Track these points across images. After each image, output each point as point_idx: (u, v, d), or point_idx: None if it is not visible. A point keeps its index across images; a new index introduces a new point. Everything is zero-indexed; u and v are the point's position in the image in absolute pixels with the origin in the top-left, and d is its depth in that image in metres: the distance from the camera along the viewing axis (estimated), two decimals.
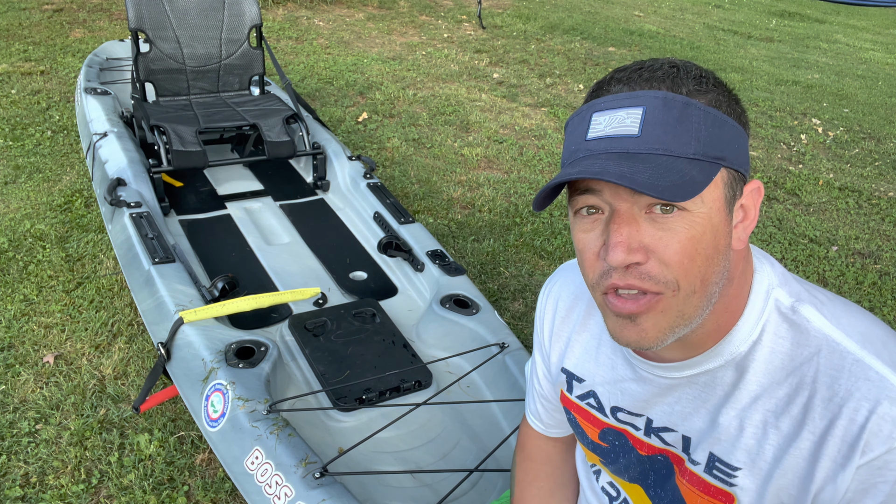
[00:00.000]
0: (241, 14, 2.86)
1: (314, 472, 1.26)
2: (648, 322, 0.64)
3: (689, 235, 0.61)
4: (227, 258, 2.17)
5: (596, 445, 0.89)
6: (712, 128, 0.62)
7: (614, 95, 0.63)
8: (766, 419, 0.67)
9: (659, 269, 0.62)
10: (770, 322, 0.69)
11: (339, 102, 4.38)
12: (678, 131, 0.61)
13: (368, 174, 2.55)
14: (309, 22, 6.33)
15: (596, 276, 0.66)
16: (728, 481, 0.71)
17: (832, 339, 0.66)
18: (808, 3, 10.40)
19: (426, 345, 1.85)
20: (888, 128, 4.92)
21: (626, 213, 0.62)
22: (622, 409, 0.82)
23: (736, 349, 0.69)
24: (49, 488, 1.66)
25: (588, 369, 0.86)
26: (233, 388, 1.45)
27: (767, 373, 0.68)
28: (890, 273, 2.98)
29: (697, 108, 0.61)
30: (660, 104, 0.61)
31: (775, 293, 0.70)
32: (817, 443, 0.64)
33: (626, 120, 0.62)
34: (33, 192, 2.95)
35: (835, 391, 0.64)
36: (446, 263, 2.05)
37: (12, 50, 4.70)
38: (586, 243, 0.66)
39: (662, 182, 0.58)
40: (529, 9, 7.79)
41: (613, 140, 0.62)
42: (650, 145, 0.61)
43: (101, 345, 2.12)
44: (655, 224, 0.62)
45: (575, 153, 0.65)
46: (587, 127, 0.65)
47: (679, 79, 0.63)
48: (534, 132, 4.22)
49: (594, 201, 0.64)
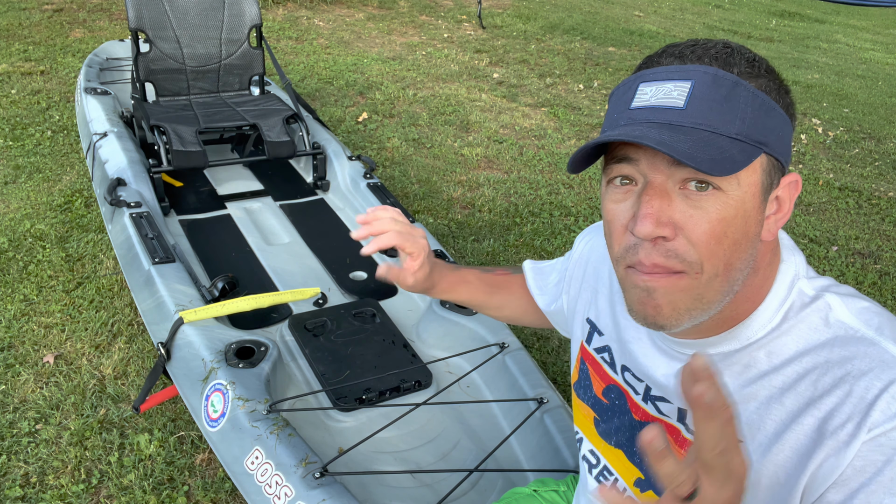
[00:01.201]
0: (241, 14, 2.86)
1: (314, 472, 1.26)
2: (664, 299, 0.63)
3: (720, 216, 0.60)
4: (227, 258, 2.17)
5: (597, 400, 0.90)
6: (759, 111, 0.61)
7: (664, 67, 0.63)
8: (771, 395, 0.67)
9: (685, 248, 0.61)
10: (792, 309, 0.68)
11: (339, 102, 4.38)
12: (724, 109, 0.60)
13: (368, 174, 2.55)
14: (309, 22, 6.33)
15: (622, 249, 0.65)
16: None
17: (851, 327, 0.65)
18: (808, 3, 10.40)
19: (426, 345, 1.85)
20: (888, 128, 4.92)
21: (660, 185, 0.61)
22: (629, 370, 0.83)
23: (753, 334, 0.69)
24: (49, 488, 1.66)
25: (607, 324, 0.88)
26: (233, 388, 1.45)
27: (780, 354, 0.68)
28: (890, 273, 2.98)
29: (746, 89, 0.61)
30: (709, 80, 0.60)
31: (800, 283, 0.69)
32: (823, 419, 0.63)
33: (673, 92, 0.61)
34: (33, 192, 2.95)
35: (847, 370, 0.63)
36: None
37: (12, 50, 4.70)
38: (615, 214, 0.65)
39: (701, 154, 0.57)
40: (529, 9, 7.78)
41: (657, 111, 0.61)
42: (694, 119, 0.60)
43: (101, 345, 2.12)
44: (688, 201, 0.61)
45: (616, 120, 0.64)
46: (632, 96, 0.64)
47: (732, 59, 0.62)
48: (534, 132, 4.22)
49: (629, 171, 0.63)
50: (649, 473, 0.83)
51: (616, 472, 0.89)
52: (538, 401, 1.55)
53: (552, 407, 1.54)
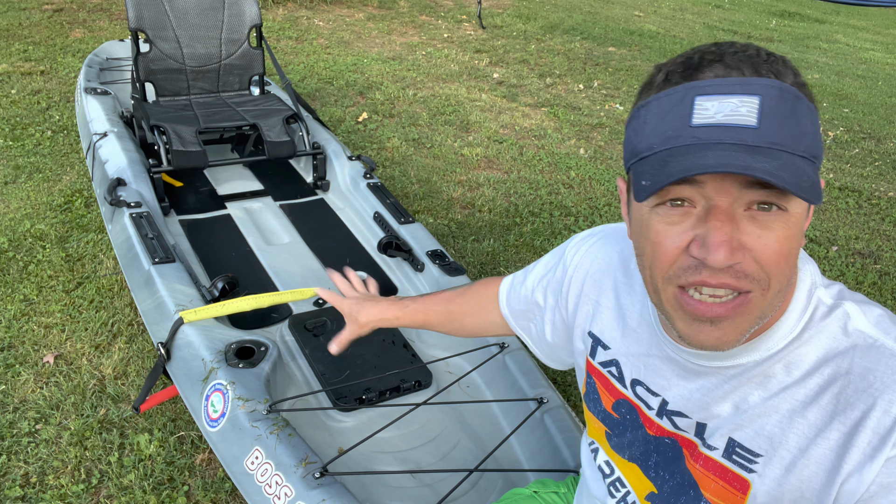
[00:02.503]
0: (241, 14, 2.86)
1: (314, 472, 1.26)
2: (731, 325, 0.62)
3: (786, 235, 0.59)
4: (227, 258, 2.17)
5: (607, 414, 0.88)
6: (814, 124, 0.59)
7: (722, 80, 0.59)
8: (794, 408, 0.66)
9: (754, 268, 0.60)
10: (812, 319, 0.68)
11: (339, 102, 4.38)
12: (791, 125, 0.57)
13: (368, 174, 2.55)
14: (309, 22, 6.33)
15: (676, 269, 0.62)
16: (748, 467, 0.70)
17: (870, 336, 0.65)
18: (808, 3, 10.40)
19: (426, 345, 1.85)
20: (888, 128, 4.92)
21: (728, 209, 0.59)
22: (642, 384, 0.81)
23: (775, 345, 0.68)
24: (49, 488, 1.66)
25: (613, 338, 0.85)
26: (233, 388, 1.45)
27: (800, 365, 0.67)
28: (890, 273, 2.98)
29: (804, 102, 0.59)
30: (776, 94, 0.57)
31: (818, 292, 0.69)
32: (848, 434, 0.62)
33: (741, 108, 0.57)
34: (33, 192, 2.95)
35: (870, 382, 0.62)
36: (446, 263, 2.05)
37: (12, 50, 4.70)
38: (668, 235, 0.62)
39: (805, 184, 0.55)
40: (529, 9, 7.78)
41: (728, 130, 0.57)
42: (769, 139, 0.57)
43: (101, 345, 2.12)
44: (755, 222, 0.59)
45: (675, 139, 0.60)
46: (689, 111, 0.59)
47: (781, 69, 0.59)
48: (534, 132, 4.22)
49: (689, 194, 0.60)
50: (663, 489, 0.82)
51: (629, 484, 0.88)
52: (538, 401, 1.55)
53: (552, 407, 1.54)
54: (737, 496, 0.71)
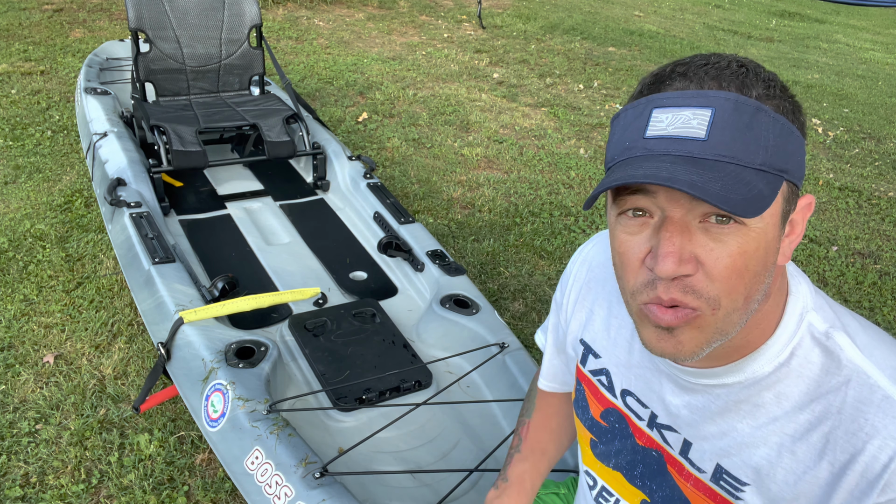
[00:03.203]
0: (241, 14, 2.86)
1: (314, 472, 1.26)
2: (686, 335, 0.61)
3: (741, 250, 0.58)
4: (227, 258, 2.17)
5: (594, 423, 0.88)
6: (779, 137, 0.58)
7: (680, 92, 0.59)
8: (783, 442, 0.66)
9: (704, 284, 0.59)
10: (801, 346, 0.66)
11: (339, 102, 4.38)
12: (747, 139, 0.57)
13: (368, 174, 2.55)
14: (309, 22, 6.33)
15: (638, 285, 0.62)
16: (735, 494, 0.70)
17: (863, 371, 0.63)
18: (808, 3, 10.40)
19: (426, 345, 1.85)
20: (888, 128, 4.92)
21: (680, 220, 0.58)
22: (632, 395, 0.81)
23: (760, 368, 0.67)
24: (49, 488, 1.66)
25: (605, 347, 0.85)
26: (233, 388, 1.45)
27: (790, 396, 0.66)
28: (890, 273, 2.98)
29: (767, 114, 0.57)
30: (730, 107, 0.57)
31: (809, 317, 0.67)
32: (836, 474, 0.62)
33: (693, 121, 0.57)
34: (33, 192, 2.95)
35: (860, 425, 0.61)
36: (446, 263, 2.05)
37: (12, 50, 4.70)
38: (629, 246, 0.62)
39: (735, 195, 0.54)
40: (529, 9, 7.79)
41: (676, 142, 0.58)
42: (716, 151, 0.56)
43: (101, 345, 2.12)
44: (709, 234, 0.58)
45: (630, 150, 0.60)
46: (646, 123, 0.60)
47: (748, 80, 0.59)
48: (534, 132, 4.22)
49: (645, 204, 0.60)
50: (654, 498, 0.82)
51: (616, 493, 0.87)
52: None
53: None
54: None
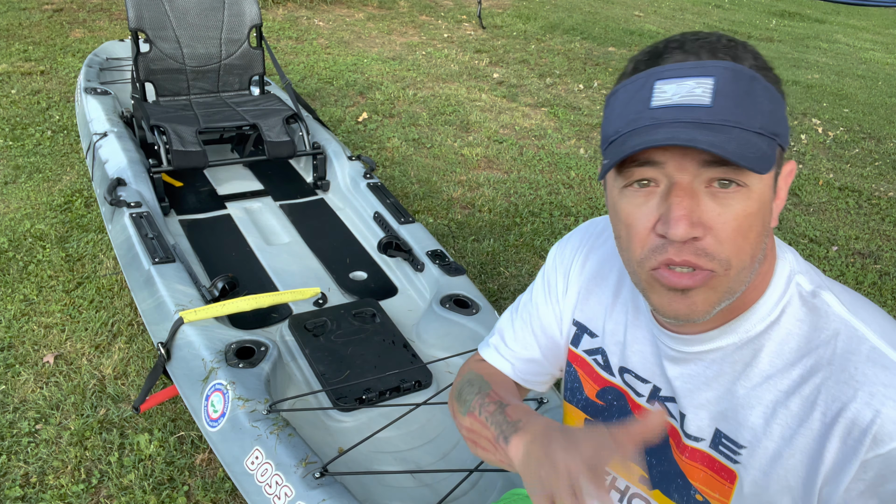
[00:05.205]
0: (241, 14, 2.86)
1: (314, 472, 1.26)
2: (700, 296, 0.64)
3: (745, 212, 0.61)
4: (227, 258, 2.17)
5: (589, 402, 0.88)
6: (772, 104, 0.62)
7: (679, 64, 0.62)
8: (777, 398, 0.68)
9: (715, 246, 0.62)
10: (790, 305, 0.69)
11: (339, 102, 4.38)
12: (747, 104, 0.60)
13: (368, 174, 2.55)
14: (309, 22, 6.33)
15: (647, 251, 0.65)
16: (733, 458, 0.71)
17: (851, 325, 0.66)
18: (808, 3, 10.40)
19: (426, 345, 1.85)
20: (888, 128, 4.92)
21: (688, 186, 0.61)
22: (630, 371, 0.82)
23: (752, 327, 0.69)
24: (49, 488, 1.66)
25: (601, 325, 0.86)
26: (233, 388, 1.45)
27: (781, 354, 0.68)
28: (890, 273, 2.98)
29: (761, 82, 0.61)
30: (730, 76, 0.60)
31: (797, 278, 0.70)
32: (828, 424, 0.64)
33: (697, 89, 0.60)
34: (33, 192, 2.95)
35: (850, 374, 0.64)
36: (446, 263, 2.05)
37: (12, 50, 4.70)
38: (637, 217, 0.65)
39: (749, 153, 0.58)
40: (529, 9, 7.78)
41: (683, 109, 0.60)
42: (722, 116, 0.60)
43: (101, 345, 2.12)
44: (715, 199, 0.61)
45: (637, 121, 0.63)
46: (649, 94, 0.62)
47: (739, 52, 0.63)
48: (534, 132, 4.22)
49: (653, 174, 0.63)
50: (652, 473, 0.82)
51: (613, 471, 0.88)
52: (538, 401, 1.55)
53: (552, 407, 1.54)
54: (724, 485, 0.73)
